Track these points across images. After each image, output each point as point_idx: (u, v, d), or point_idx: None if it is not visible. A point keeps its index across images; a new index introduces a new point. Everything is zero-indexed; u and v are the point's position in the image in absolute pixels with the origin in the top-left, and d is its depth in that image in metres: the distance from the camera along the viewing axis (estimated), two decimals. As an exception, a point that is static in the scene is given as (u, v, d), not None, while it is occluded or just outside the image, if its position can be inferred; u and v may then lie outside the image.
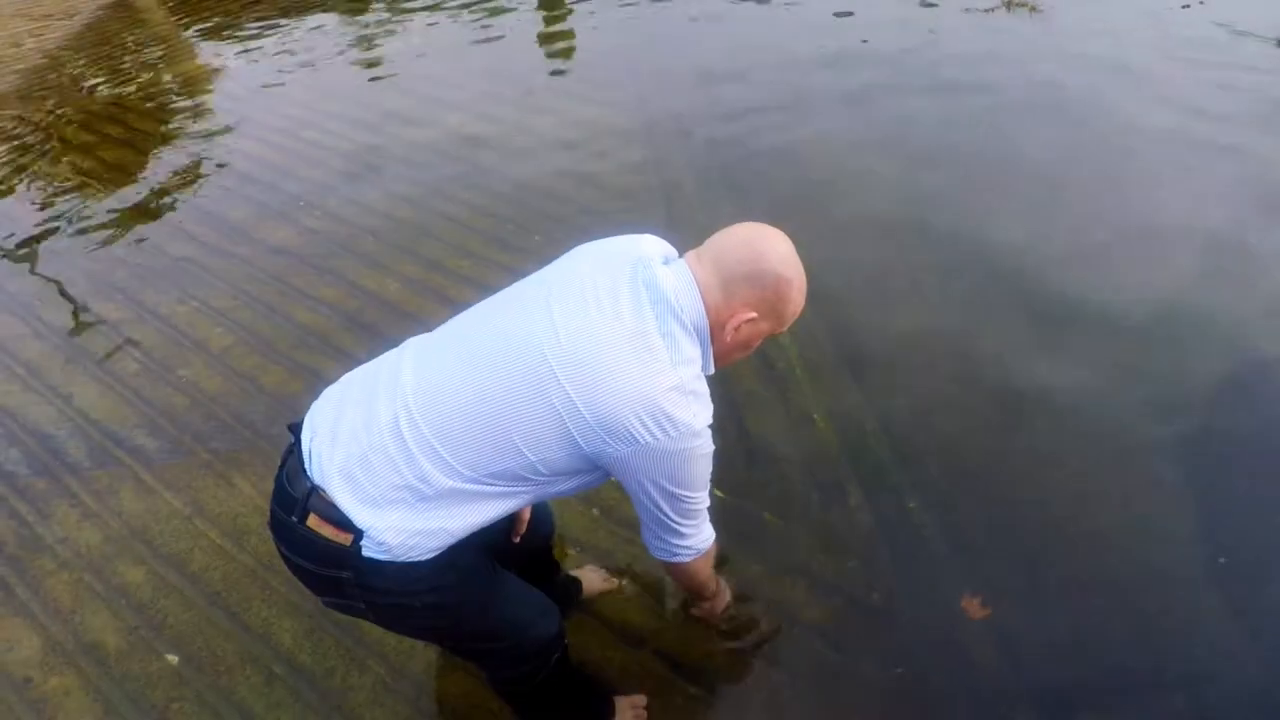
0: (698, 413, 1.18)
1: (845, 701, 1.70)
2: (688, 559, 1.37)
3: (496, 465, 1.17)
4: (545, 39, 5.10)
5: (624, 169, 3.56)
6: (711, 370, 1.25)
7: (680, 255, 1.29)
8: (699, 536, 1.36)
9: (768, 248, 1.21)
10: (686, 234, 2.93)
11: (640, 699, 1.70)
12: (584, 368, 1.12)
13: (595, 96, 4.23)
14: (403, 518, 1.16)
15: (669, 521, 1.29)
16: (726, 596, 1.77)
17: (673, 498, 1.24)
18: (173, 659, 1.90)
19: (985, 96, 3.81)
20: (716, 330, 1.22)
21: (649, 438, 1.14)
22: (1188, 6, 4.47)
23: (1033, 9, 4.68)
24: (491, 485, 1.18)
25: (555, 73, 4.66)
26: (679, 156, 3.61)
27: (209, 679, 1.86)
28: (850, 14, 4.87)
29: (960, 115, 3.69)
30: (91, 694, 1.86)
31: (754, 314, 1.22)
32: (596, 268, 1.22)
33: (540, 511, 1.65)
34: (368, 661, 1.85)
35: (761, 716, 1.70)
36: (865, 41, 4.49)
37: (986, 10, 4.72)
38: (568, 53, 4.92)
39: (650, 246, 1.26)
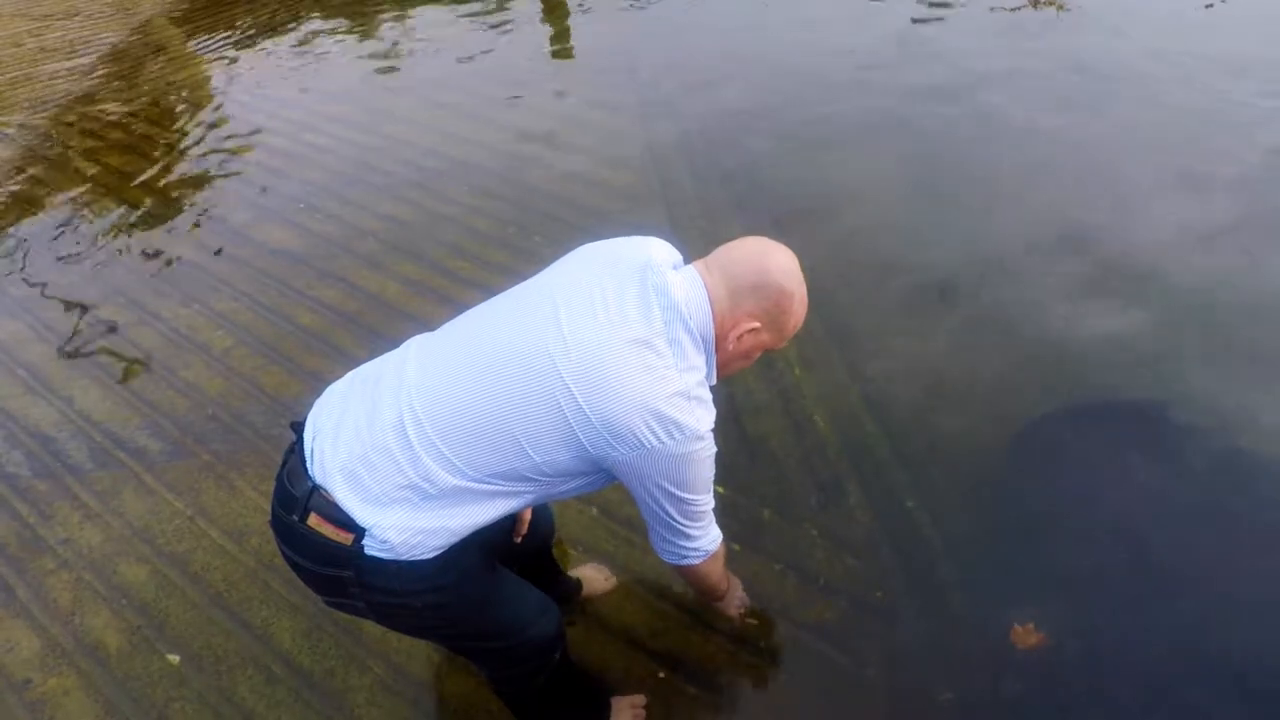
0: (701, 417, 1.19)
1: (844, 701, 1.70)
2: (697, 561, 1.38)
3: (500, 465, 1.17)
4: (545, 41, 5.11)
5: (624, 169, 3.57)
6: (714, 380, 1.27)
7: (686, 262, 1.30)
8: (706, 538, 1.37)
9: (774, 261, 1.24)
10: (687, 235, 2.97)
11: (640, 699, 1.70)
12: (591, 373, 1.13)
13: (595, 98, 4.24)
14: (406, 516, 1.16)
15: (675, 524, 1.30)
16: (739, 594, 1.77)
17: (677, 500, 1.25)
18: (174, 658, 1.91)
19: (1003, 97, 3.78)
20: (720, 340, 1.24)
21: (654, 441, 1.15)
22: (1210, 6, 4.46)
23: (1060, 7, 4.64)
24: (495, 485, 1.19)
25: (555, 74, 4.67)
26: (679, 157, 3.61)
27: (210, 678, 1.86)
28: (866, 13, 4.85)
29: (972, 116, 3.67)
30: (92, 694, 1.86)
31: (757, 324, 1.24)
32: (604, 271, 1.22)
33: (540, 512, 1.65)
34: (368, 662, 1.85)
35: (761, 717, 1.70)
36: (881, 41, 4.44)
37: (1013, 9, 4.69)
38: (568, 55, 4.94)
39: (659, 251, 1.27)
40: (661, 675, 1.75)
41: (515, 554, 1.55)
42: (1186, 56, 3.94)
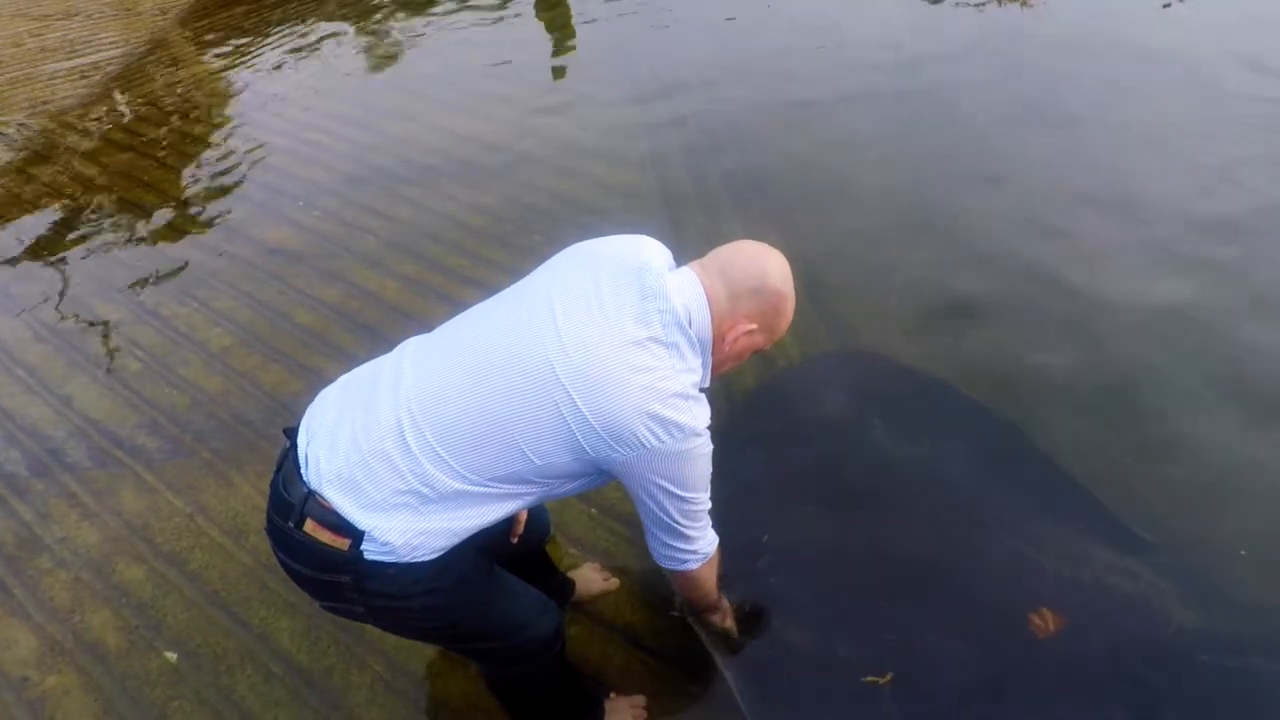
0: (699, 414, 1.20)
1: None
2: (696, 565, 1.38)
3: (501, 469, 1.17)
4: (545, 39, 5.10)
5: (623, 167, 3.56)
6: (708, 382, 1.28)
7: (675, 260, 1.30)
8: (704, 540, 1.36)
9: (771, 265, 1.26)
10: (686, 232, 2.97)
11: (639, 699, 1.69)
12: (591, 378, 1.13)
13: (595, 96, 4.23)
14: (406, 520, 1.16)
15: (674, 524, 1.29)
16: (729, 612, 1.73)
17: (677, 499, 1.25)
18: (172, 657, 1.90)
19: (982, 92, 3.80)
20: (716, 341, 1.25)
21: (654, 442, 1.16)
22: (1168, 5, 4.50)
23: (1024, 3, 4.70)
24: (496, 488, 1.19)
25: (555, 72, 4.66)
26: (677, 154, 3.61)
27: (208, 677, 1.85)
28: (845, 11, 4.88)
29: (960, 112, 3.68)
30: (91, 693, 1.86)
31: (754, 326, 1.26)
32: (600, 273, 1.22)
33: (536, 512, 1.65)
34: (366, 660, 1.84)
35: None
36: (861, 39, 4.47)
37: (978, 5, 4.74)
38: (567, 52, 4.93)
39: (652, 253, 1.27)
40: (661, 674, 1.73)
41: (511, 554, 1.55)
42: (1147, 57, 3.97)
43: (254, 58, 5.37)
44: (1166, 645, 1.67)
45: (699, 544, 1.35)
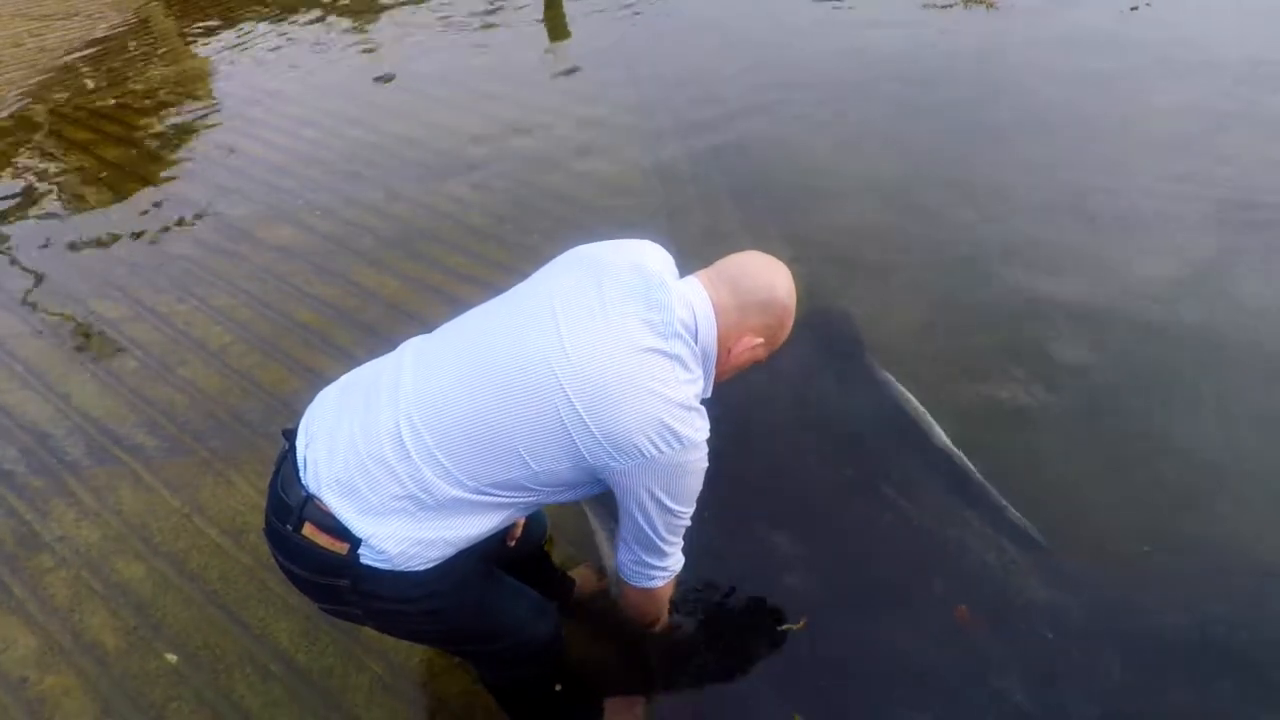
0: (700, 426, 1.20)
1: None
2: (662, 583, 1.37)
3: (499, 476, 1.17)
4: (544, 38, 5.10)
5: (623, 166, 3.56)
6: (708, 393, 1.27)
7: (678, 264, 1.30)
8: (675, 558, 1.36)
9: (779, 279, 1.28)
10: (686, 232, 2.96)
11: (639, 699, 1.70)
12: (594, 387, 1.13)
13: (594, 95, 4.23)
14: (403, 527, 1.16)
15: (655, 539, 1.29)
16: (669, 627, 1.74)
17: (665, 511, 1.25)
18: (171, 658, 1.90)
19: (979, 94, 3.82)
20: (721, 353, 1.25)
21: (654, 451, 1.15)
22: (1135, 9, 4.51)
23: (990, 5, 4.71)
24: (493, 495, 1.19)
25: (554, 72, 4.65)
26: (677, 153, 3.61)
27: (207, 677, 1.85)
28: (839, 10, 4.89)
29: (958, 114, 3.68)
30: (90, 693, 1.86)
31: (760, 340, 1.27)
32: (603, 280, 1.21)
33: (533, 515, 1.64)
34: (366, 660, 1.84)
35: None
36: (860, 40, 4.49)
37: (944, 7, 4.75)
38: (567, 52, 4.92)
39: (655, 261, 1.26)
40: (661, 674, 1.73)
41: (509, 557, 1.55)
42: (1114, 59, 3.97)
43: (252, 53, 5.35)
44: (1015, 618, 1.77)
45: (670, 561, 1.35)
